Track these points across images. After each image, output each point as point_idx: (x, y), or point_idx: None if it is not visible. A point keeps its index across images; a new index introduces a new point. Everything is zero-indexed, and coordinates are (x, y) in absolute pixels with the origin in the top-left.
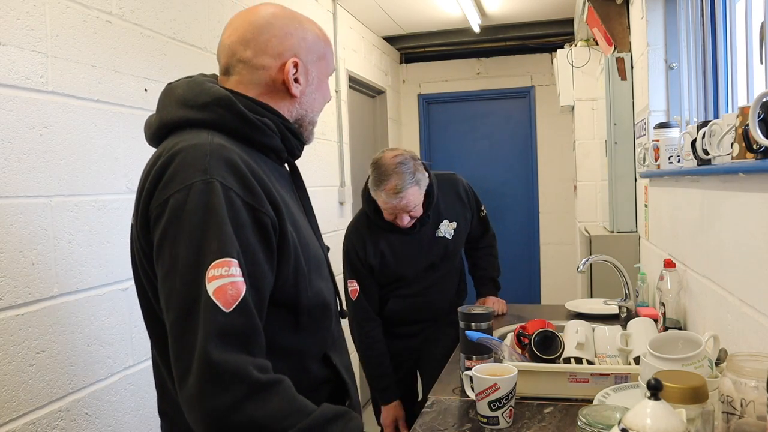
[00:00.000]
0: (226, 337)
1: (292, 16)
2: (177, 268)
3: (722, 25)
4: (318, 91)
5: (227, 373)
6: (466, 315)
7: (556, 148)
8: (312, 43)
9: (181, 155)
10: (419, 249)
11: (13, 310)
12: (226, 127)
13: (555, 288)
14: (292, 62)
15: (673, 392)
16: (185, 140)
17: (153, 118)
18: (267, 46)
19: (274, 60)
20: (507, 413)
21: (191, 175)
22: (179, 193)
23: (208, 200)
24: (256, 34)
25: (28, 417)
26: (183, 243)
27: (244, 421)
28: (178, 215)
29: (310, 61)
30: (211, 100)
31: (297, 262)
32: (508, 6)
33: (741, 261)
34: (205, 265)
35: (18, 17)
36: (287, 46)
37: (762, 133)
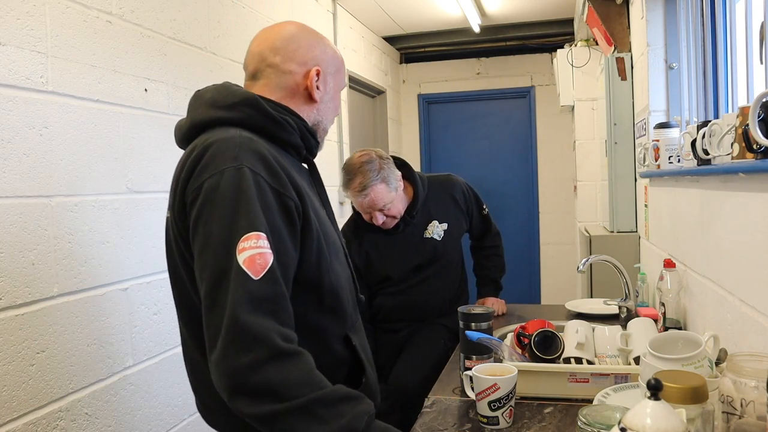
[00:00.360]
0: (254, 302)
1: (315, 32)
2: (210, 242)
3: (722, 25)
4: (332, 101)
5: (251, 335)
6: (466, 315)
7: (556, 148)
8: (331, 57)
9: (214, 147)
10: (405, 249)
11: (13, 310)
12: (252, 124)
13: (555, 288)
14: (315, 70)
15: (673, 392)
16: (216, 135)
17: (183, 120)
18: (294, 54)
19: (300, 67)
20: (507, 413)
21: (223, 163)
22: (212, 178)
23: (238, 183)
24: (285, 43)
25: (28, 417)
26: (216, 220)
27: (260, 382)
28: (212, 197)
29: (329, 73)
30: (239, 100)
31: (319, 246)
32: (508, 6)
33: (741, 261)
34: (236, 238)
35: (18, 17)
36: (312, 56)
37: (762, 133)
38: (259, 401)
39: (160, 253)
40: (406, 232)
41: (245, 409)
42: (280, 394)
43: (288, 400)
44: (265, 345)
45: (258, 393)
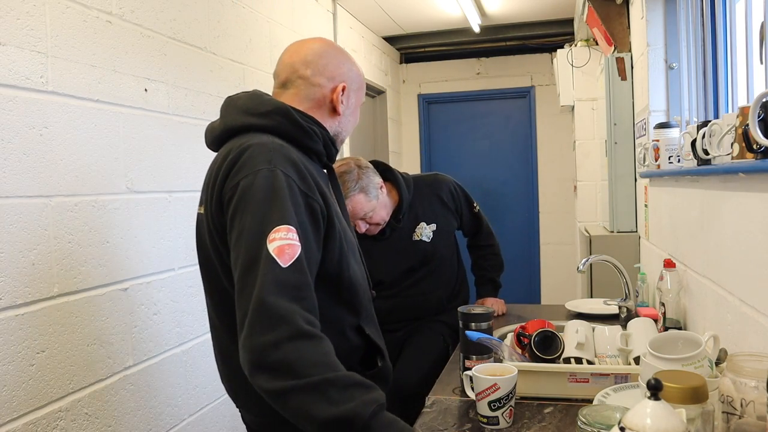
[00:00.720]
0: (281, 286)
1: (343, 51)
2: (244, 233)
3: (722, 25)
4: (352, 115)
5: (276, 315)
6: (466, 315)
7: (556, 148)
8: (356, 75)
9: (250, 150)
10: (394, 254)
11: (13, 310)
12: (282, 132)
13: (555, 288)
14: (342, 86)
15: (673, 392)
16: (251, 140)
17: (217, 123)
18: (324, 69)
19: (328, 81)
20: (507, 413)
21: (258, 164)
22: (248, 177)
23: (272, 183)
24: (316, 58)
25: (28, 417)
26: (250, 214)
27: (279, 359)
28: (247, 194)
29: (353, 89)
30: (272, 109)
31: (341, 244)
32: (508, 6)
33: (741, 261)
34: (267, 229)
35: (18, 17)
36: (339, 73)
37: (762, 133)
38: (275, 377)
39: (160, 253)
40: (394, 237)
41: (263, 384)
42: (296, 371)
43: (302, 377)
44: (288, 325)
45: (275, 369)
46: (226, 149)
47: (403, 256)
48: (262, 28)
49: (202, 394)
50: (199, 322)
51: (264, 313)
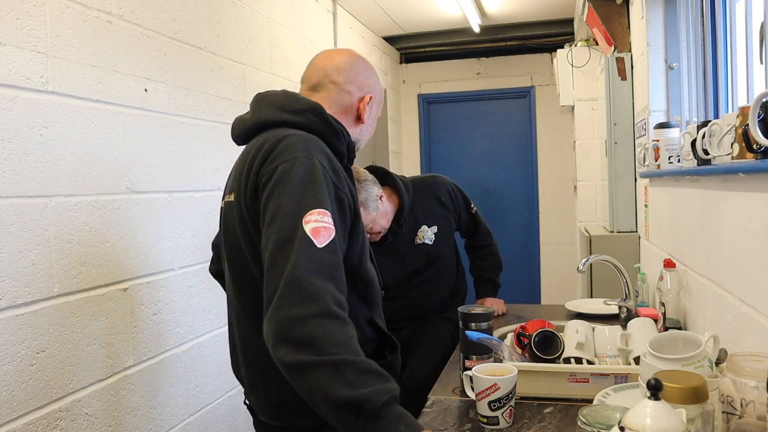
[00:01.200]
0: (315, 264)
1: (370, 65)
2: (279, 214)
3: (722, 25)
4: (371, 125)
5: (306, 291)
6: (466, 315)
7: (556, 148)
8: (380, 89)
9: (287, 140)
10: (398, 258)
11: (13, 310)
12: (313, 130)
13: (555, 288)
14: (369, 96)
15: (673, 392)
16: (286, 132)
17: (248, 116)
18: (355, 78)
19: (358, 90)
20: (507, 413)
21: (296, 152)
22: (286, 163)
23: (309, 169)
24: (348, 67)
25: (28, 417)
26: (286, 196)
27: (303, 333)
28: (284, 177)
29: (376, 101)
30: (306, 108)
31: (363, 239)
32: (508, 6)
33: (741, 261)
34: (303, 211)
35: (18, 17)
36: (368, 84)
37: (762, 133)
38: (296, 350)
39: (160, 253)
40: (396, 242)
41: (284, 356)
42: (318, 347)
43: (323, 354)
44: (317, 303)
45: (298, 343)
46: (260, 139)
47: (407, 260)
48: (262, 28)
49: (202, 394)
50: (198, 322)
51: (296, 287)
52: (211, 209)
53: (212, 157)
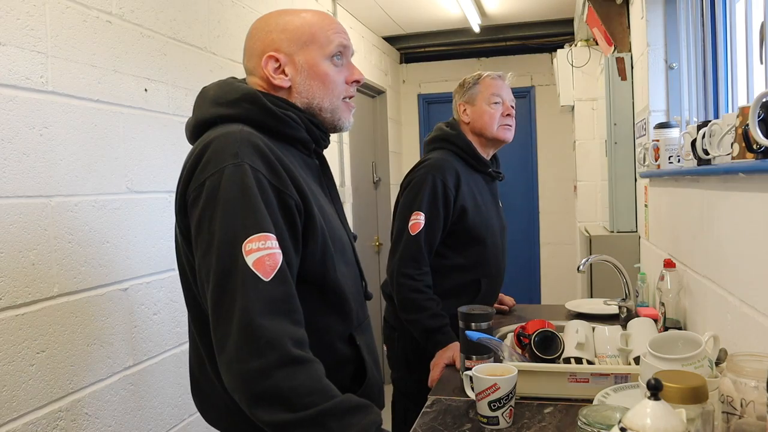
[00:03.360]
0: (266, 304)
1: (276, 14)
2: (214, 243)
3: (722, 25)
4: (313, 78)
5: (263, 338)
6: (467, 315)
7: (556, 148)
8: (293, 32)
9: (214, 144)
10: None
11: (13, 310)
12: (254, 120)
13: (555, 288)
14: (266, 58)
15: (673, 392)
16: (217, 132)
17: (190, 119)
18: (252, 49)
19: (258, 59)
20: (507, 413)
21: (223, 159)
22: (213, 176)
23: (240, 181)
24: (247, 43)
25: (28, 417)
26: (219, 220)
27: (270, 387)
28: (214, 195)
29: (294, 51)
30: (239, 96)
31: (324, 242)
32: (508, 6)
33: (741, 261)
34: (241, 239)
35: (18, 17)
36: (266, 43)
37: (762, 133)
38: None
39: (160, 253)
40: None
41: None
42: (291, 402)
43: (298, 410)
44: (276, 350)
45: (269, 398)
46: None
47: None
48: None
49: None
50: None
51: (250, 336)
52: None
53: None
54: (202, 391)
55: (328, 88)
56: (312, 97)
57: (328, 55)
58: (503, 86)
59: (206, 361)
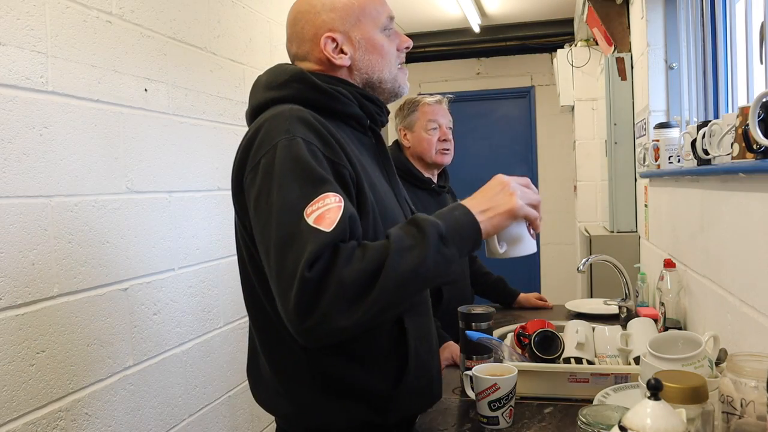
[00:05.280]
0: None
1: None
2: (274, 213)
3: (722, 25)
4: (371, 52)
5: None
6: (467, 315)
7: (556, 148)
8: (343, 10)
9: (265, 125)
10: None
11: (13, 310)
12: (305, 99)
13: (555, 288)
14: (324, 39)
15: (673, 392)
16: (267, 114)
17: (247, 107)
18: (302, 34)
19: (313, 43)
20: (507, 413)
21: (276, 136)
22: (268, 154)
23: (294, 153)
24: (292, 29)
25: (28, 417)
26: (277, 192)
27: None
28: (270, 171)
29: (348, 28)
30: (288, 77)
31: (375, 220)
32: (508, 6)
33: (741, 261)
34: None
35: (18, 17)
36: (317, 25)
37: (762, 133)
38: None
39: (160, 253)
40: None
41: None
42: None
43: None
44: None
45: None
46: None
47: None
48: (262, 28)
49: (202, 394)
50: (199, 322)
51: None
52: (211, 209)
53: (212, 157)
54: (256, 372)
55: (386, 59)
56: (372, 71)
57: (380, 27)
58: (440, 111)
59: (258, 345)
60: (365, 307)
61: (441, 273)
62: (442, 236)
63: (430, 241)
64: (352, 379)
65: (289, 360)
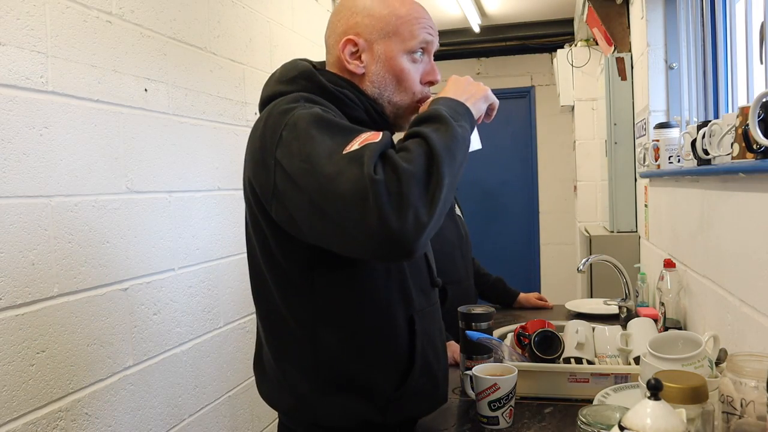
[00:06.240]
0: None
1: None
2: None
3: (722, 25)
4: (388, 71)
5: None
6: (467, 315)
7: (556, 148)
8: (378, 19)
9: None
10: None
11: (13, 310)
12: (310, 97)
13: (555, 288)
14: (344, 41)
15: (673, 392)
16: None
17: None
18: (336, 26)
19: (338, 39)
20: (507, 413)
21: (288, 111)
22: (286, 128)
23: (314, 114)
24: (332, 18)
25: (28, 417)
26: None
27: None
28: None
29: (375, 39)
30: (297, 73)
31: None
32: (508, 6)
33: (741, 261)
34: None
35: (18, 17)
36: (349, 25)
37: (762, 133)
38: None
39: (160, 253)
40: None
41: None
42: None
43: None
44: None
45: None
46: None
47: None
48: (262, 28)
49: (202, 394)
50: (199, 322)
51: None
52: (211, 209)
53: (212, 157)
54: (261, 365)
55: (403, 85)
56: (384, 89)
57: (408, 50)
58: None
59: (263, 336)
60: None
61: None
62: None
63: (448, 119)
64: (355, 375)
65: (294, 350)
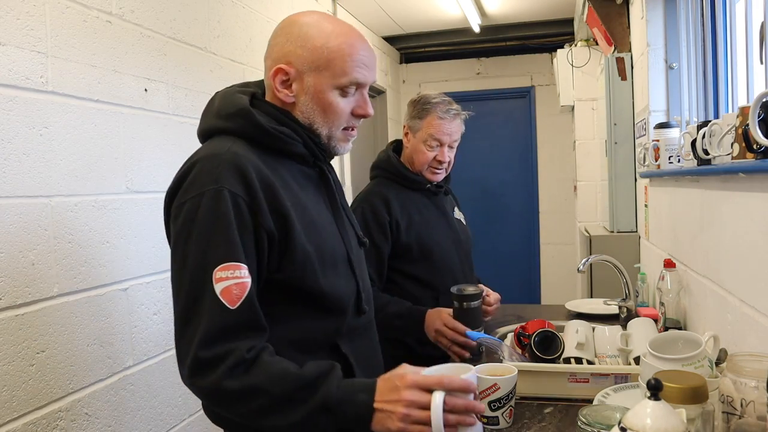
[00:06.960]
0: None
1: (303, 22)
2: (187, 265)
3: (722, 25)
4: (316, 104)
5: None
6: (460, 296)
7: (556, 148)
8: (311, 51)
9: (198, 165)
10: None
11: (13, 310)
12: (247, 136)
13: (555, 288)
14: (276, 69)
15: (673, 392)
16: (207, 149)
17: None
18: (272, 49)
19: (272, 64)
20: (507, 413)
21: (204, 184)
22: (193, 199)
23: (217, 207)
24: (270, 40)
25: (28, 417)
26: (193, 244)
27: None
28: (192, 218)
29: (305, 70)
30: (235, 111)
31: (305, 259)
32: (508, 6)
33: (741, 261)
34: (212, 266)
35: (18, 17)
36: (283, 52)
37: (762, 133)
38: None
39: (160, 253)
40: (439, 203)
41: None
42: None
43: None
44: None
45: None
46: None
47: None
48: (262, 28)
49: None
50: None
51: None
52: None
53: None
54: None
55: (329, 118)
56: (312, 120)
57: (337, 87)
58: (447, 128)
59: None
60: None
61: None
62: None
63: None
64: None
65: None
